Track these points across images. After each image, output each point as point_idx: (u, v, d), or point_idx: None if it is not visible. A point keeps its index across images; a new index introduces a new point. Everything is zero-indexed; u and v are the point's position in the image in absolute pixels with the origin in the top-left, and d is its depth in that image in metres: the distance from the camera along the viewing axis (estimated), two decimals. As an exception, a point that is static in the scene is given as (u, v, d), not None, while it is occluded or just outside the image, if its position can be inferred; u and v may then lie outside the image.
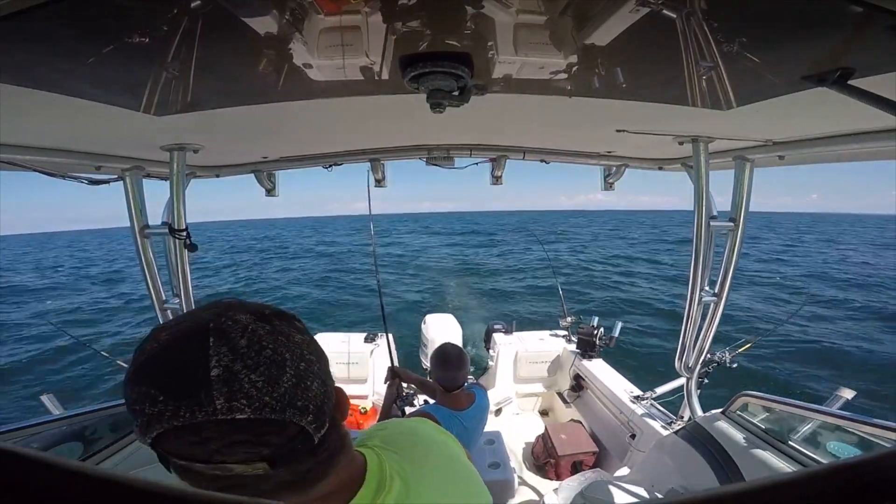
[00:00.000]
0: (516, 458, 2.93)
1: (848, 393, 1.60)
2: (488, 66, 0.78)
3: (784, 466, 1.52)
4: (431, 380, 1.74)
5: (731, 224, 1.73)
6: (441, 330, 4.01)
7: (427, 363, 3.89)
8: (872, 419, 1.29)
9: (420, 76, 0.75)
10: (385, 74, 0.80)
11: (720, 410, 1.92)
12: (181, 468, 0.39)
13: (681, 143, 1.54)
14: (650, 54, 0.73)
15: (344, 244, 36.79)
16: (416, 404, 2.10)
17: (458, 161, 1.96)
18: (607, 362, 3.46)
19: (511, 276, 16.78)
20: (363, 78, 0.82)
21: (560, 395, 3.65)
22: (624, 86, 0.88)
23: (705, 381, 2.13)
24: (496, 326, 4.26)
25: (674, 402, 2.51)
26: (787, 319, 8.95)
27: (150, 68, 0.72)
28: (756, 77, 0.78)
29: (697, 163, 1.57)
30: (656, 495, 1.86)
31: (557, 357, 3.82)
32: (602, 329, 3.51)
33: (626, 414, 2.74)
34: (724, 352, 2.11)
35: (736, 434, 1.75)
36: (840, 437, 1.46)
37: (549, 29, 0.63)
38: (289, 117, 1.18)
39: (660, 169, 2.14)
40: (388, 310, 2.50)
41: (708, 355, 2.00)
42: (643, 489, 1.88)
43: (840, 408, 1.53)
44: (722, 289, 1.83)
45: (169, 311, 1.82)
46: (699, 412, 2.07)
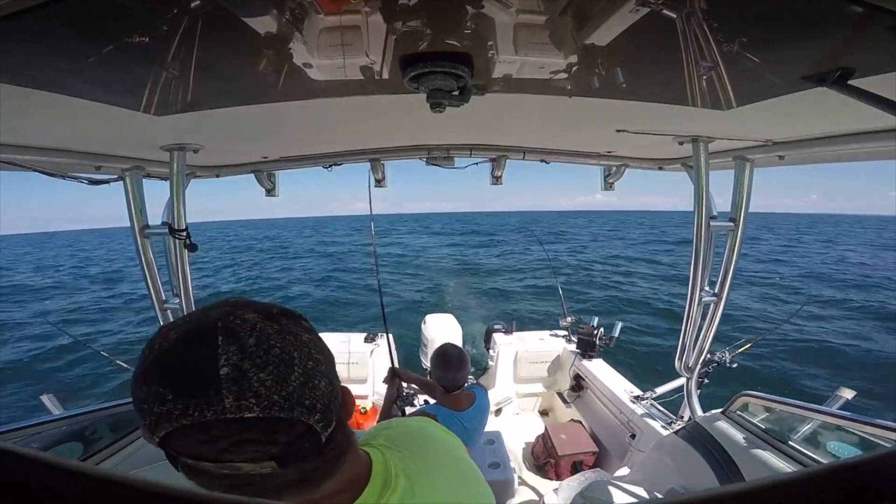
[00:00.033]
0: (516, 458, 2.93)
1: (848, 393, 1.60)
2: (488, 66, 0.78)
3: (784, 466, 1.52)
4: (432, 380, 1.74)
5: (731, 224, 1.73)
6: (441, 330, 4.00)
7: (427, 363, 3.88)
8: (872, 419, 1.29)
9: (420, 76, 0.75)
10: (385, 74, 0.80)
11: (720, 410, 1.92)
12: (189, 467, 0.39)
13: (681, 143, 1.54)
14: (650, 54, 0.73)
15: (344, 244, 36.81)
16: (416, 404, 2.10)
17: (458, 161, 1.96)
18: (607, 362, 3.46)
19: (510, 276, 16.79)
20: (363, 78, 0.82)
21: (560, 395, 3.65)
22: (624, 86, 0.88)
23: (705, 381, 2.13)
24: (496, 326, 4.26)
25: (674, 403, 2.51)
26: (787, 319, 8.97)
27: (150, 68, 0.72)
28: (756, 77, 0.78)
29: (697, 163, 1.57)
30: (656, 495, 1.86)
31: (557, 357, 3.82)
32: (602, 329, 3.51)
33: (626, 414, 2.74)
34: (723, 352, 2.12)
35: (736, 434, 1.75)
36: (840, 437, 1.46)
37: (549, 29, 0.63)
38: (289, 117, 1.18)
39: (660, 169, 2.14)
40: (388, 310, 2.50)
41: (708, 355, 2.00)
42: (643, 489, 1.88)
43: (840, 408, 1.53)
44: (722, 289, 1.83)
45: (169, 312, 1.82)
46: (699, 412, 2.07)
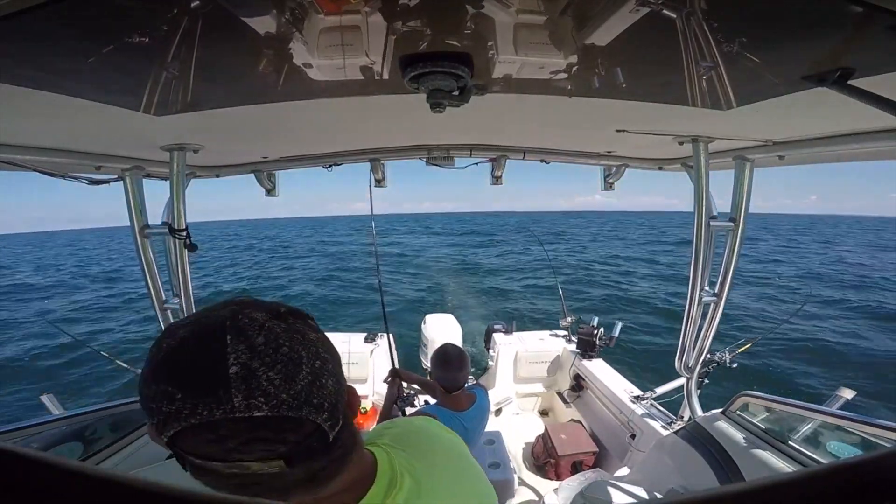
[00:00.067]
0: (516, 458, 2.94)
1: (848, 393, 1.60)
2: (488, 66, 0.78)
3: (784, 466, 1.52)
4: (432, 380, 1.74)
5: (731, 224, 1.73)
6: (441, 330, 4.00)
7: (427, 363, 3.88)
8: (872, 419, 1.29)
9: (420, 76, 0.75)
10: (385, 74, 0.80)
11: (720, 410, 1.92)
12: (198, 467, 0.38)
13: (681, 143, 1.54)
14: (650, 54, 0.73)
15: (344, 244, 36.86)
16: (416, 405, 2.10)
17: (458, 161, 1.96)
18: (606, 360, 3.47)
19: (510, 276, 16.83)
20: (363, 78, 0.82)
21: (560, 395, 3.65)
22: (624, 86, 0.88)
23: (705, 381, 2.13)
24: (496, 326, 4.26)
25: (674, 403, 2.51)
26: (787, 319, 8.99)
27: (150, 68, 0.72)
28: (756, 77, 0.78)
29: (697, 163, 1.56)
30: (656, 495, 1.86)
31: (557, 357, 3.82)
32: (602, 329, 3.51)
33: (626, 414, 2.74)
34: (723, 352, 2.12)
35: (736, 434, 1.75)
36: (840, 437, 1.46)
37: (549, 29, 0.63)
38: (289, 117, 1.18)
39: (660, 169, 2.14)
40: (389, 309, 2.50)
41: (708, 355, 2.00)
42: (643, 489, 1.88)
43: (840, 408, 1.53)
44: (722, 289, 1.83)
45: (169, 312, 1.82)
46: (699, 412, 2.07)
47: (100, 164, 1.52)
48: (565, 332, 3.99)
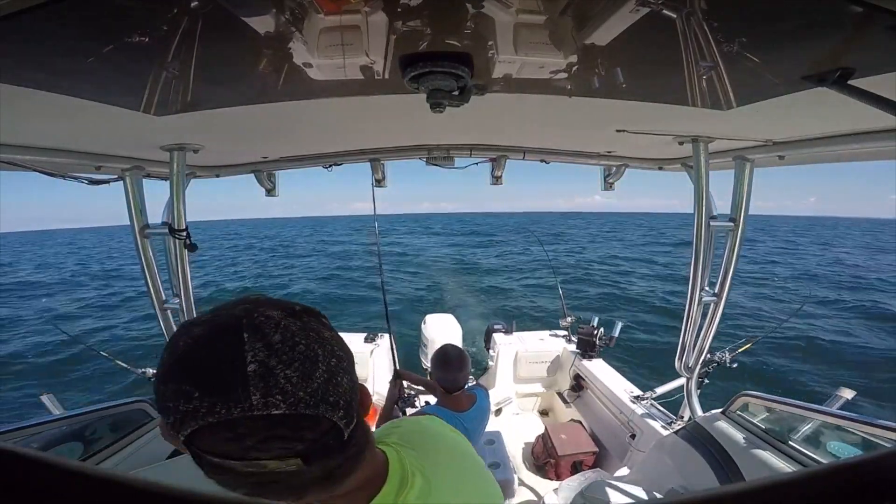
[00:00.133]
0: (516, 458, 2.94)
1: (848, 393, 1.60)
2: (488, 66, 0.78)
3: (784, 466, 1.52)
4: (432, 381, 1.74)
5: (731, 224, 1.73)
6: (441, 330, 4.00)
7: (427, 363, 3.88)
8: (872, 419, 1.29)
9: (420, 76, 0.75)
10: (385, 74, 0.80)
11: (720, 410, 1.92)
12: (215, 466, 0.38)
13: (681, 143, 1.54)
14: (650, 54, 0.73)
15: (345, 244, 36.91)
16: (417, 405, 2.10)
17: (458, 161, 1.96)
18: (606, 359, 3.47)
19: (509, 276, 16.87)
20: (363, 78, 0.82)
21: (560, 395, 3.65)
22: (624, 86, 0.88)
23: (705, 381, 2.13)
24: (496, 326, 4.26)
25: (674, 403, 2.51)
26: (787, 319, 9.02)
27: (150, 68, 0.72)
28: (756, 77, 0.78)
29: (697, 163, 1.56)
30: (656, 495, 1.86)
31: (557, 357, 3.82)
32: (602, 329, 3.51)
33: (626, 414, 2.74)
34: (723, 352, 2.11)
35: (736, 434, 1.75)
36: (840, 437, 1.46)
37: (549, 29, 0.63)
38: (289, 117, 1.18)
39: (660, 169, 2.14)
40: (389, 309, 2.50)
41: (708, 355, 2.00)
42: (643, 489, 1.88)
43: (840, 408, 1.53)
44: (722, 289, 1.83)
45: (169, 311, 1.82)
46: (699, 412, 2.07)
47: (100, 164, 1.52)
48: (565, 332, 3.99)
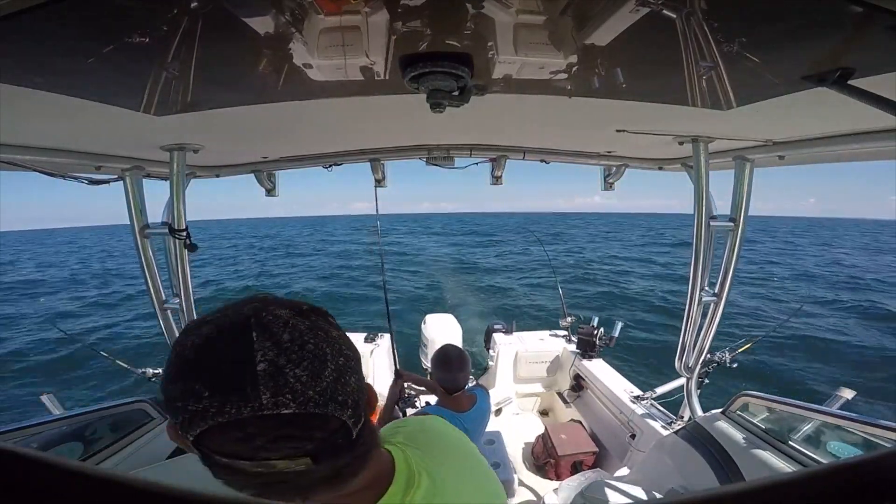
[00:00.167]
0: (516, 458, 2.93)
1: (848, 393, 1.60)
2: (488, 66, 0.78)
3: (784, 466, 1.52)
4: (433, 381, 1.74)
5: (731, 224, 1.73)
6: (441, 330, 4.00)
7: (427, 363, 3.88)
8: (872, 419, 1.29)
9: (420, 76, 0.75)
10: (385, 74, 0.80)
11: (720, 410, 1.92)
12: (223, 466, 0.38)
13: (681, 143, 1.54)
14: (650, 54, 0.72)
15: (345, 243, 36.96)
16: (417, 405, 2.10)
17: (458, 161, 1.96)
18: (606, 359, 3.47)
19: (509, 276, 16.92)
20: (363, 78, 0.82)
21: (560, 395, 3.65)
22: (624, 86, 0.88)
23: (705, 381, 2.13)
24: (496, 326, 4.26)
25: (674, 403, 2.51)
26: (787, 319, 9.03)
27: (151, 68, 0.72)
28: (756, 77, 0.78)
29: (697, 163, 1.56)
30: (656, 495, 1.86)
31: (557, 357, 3.81)
32: (602, 329, 3.51)
33: (626, 414, 2.74)
34: (723, 352, 2.11)
35: (736, 434, 1.75)
36: (840, 437, 1.46)
37: (549, 29, 0.63)
38: (289, 117, 1.18)
39: (660, 169, 2.14)
40: (390, 308, 2.50)
41: (708, 355, 2.00)
42: (643, 489, 1.88)
43: (840, 408, 1.53)
44: (722, 289, 1.83)
45: (169, 311, 1.82)
46: (699, 412, 2.07)
47: (100, 164, 1.52)
48: (565, 332, 3.99)
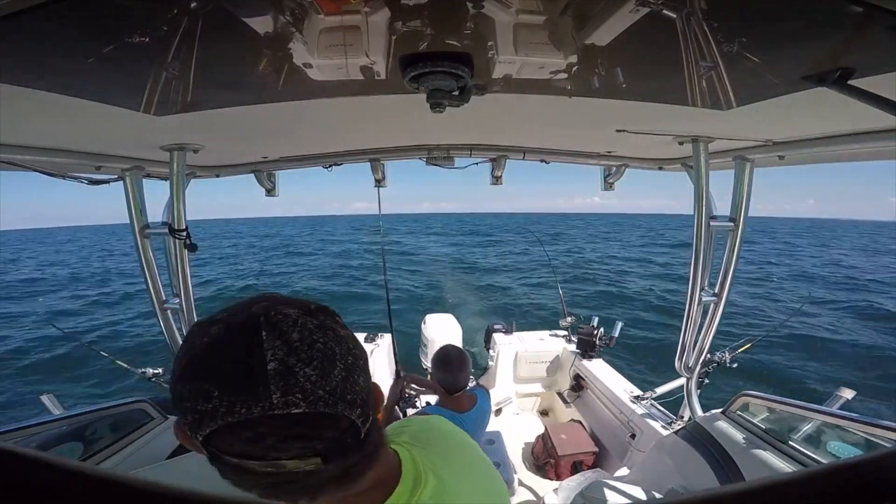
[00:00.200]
0: (516, 458, 2.94)
1: (848, 393, 1.60)
2: (488, 66, 0.78)
3: (784, 466, 1.52)
4: (433, 382, 1.74)
5: (731, 224, 1.73)
6: (441, 330, 4.00)
7: (427, 363, 3.88)
8: (872, 419, 1.29)
9: (420, 76, 0.75)
10: (385, 74, 0.80)
11: (720, 410, 1.92)
12: (233, 466, 0.38)
13: (681, 143, 1.54)
14: (650, 54, 0.72)
15: (345, 243, 37.01)
16: (418, 405, 2.10)
17: (458, 161, 1.96)
18: (605, 358, 3.47)
19: (508, 275, 16.95)
20: (363, 78, 0.82)
21: (560, 395, 3.65)
22: (624, 86, 0.88)
23: (705, 381, 2.13)
24: (496, 326, 4.26)
25: (674, 403, 2.51)
26: (787, 319, 9.05)
27: (150, 68, 0.72)
28: (756, 77, 0.78)
29: (697, 163, 1.56)
30: (655, 495, 1.86)
31: (557, 357, 3.82)
32: (602, 329, 3.51)
33: (626, 414, 2.74)
34: (723, 352, 2.12)
35: (736, 434, 1.75)
36: (840, 437, 1.46)
37: (549, 29, 0.63)
38: (289, 117, 1.18)
39: (660, 169, 2.14)
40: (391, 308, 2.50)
41: (708, 355, 2.00)
42: (643, 489, 1.88)
43: (840, 408, 1.53)
44: (722, 289, 1.83)
45: (169, 311, 1.82)
46: (699, 412, 2.07)
47: (100, 164, 1.52)
48: (565, 332, 3.99)
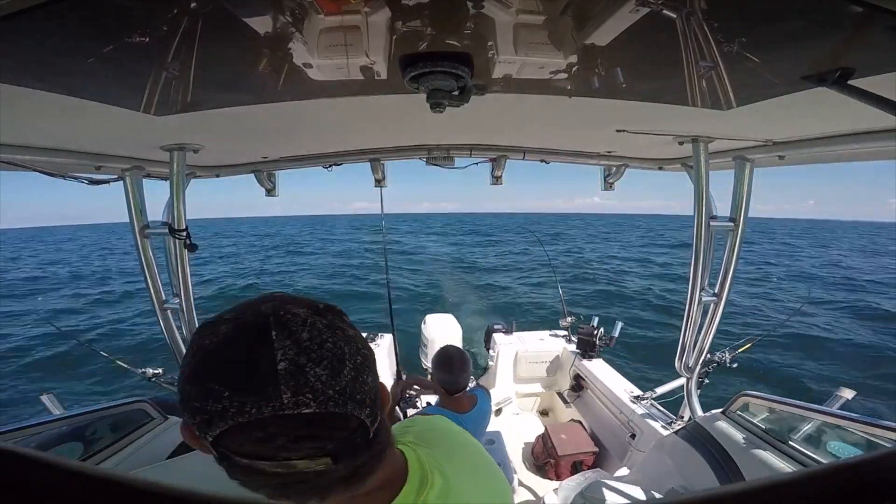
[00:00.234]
0: (516, 458, 2.94)
1: (848, 393, 1.60)
2: (488, 66, 0.78)
3: (784, 466, 1.52)
4: (434, 382, 1.74)
5: (731, 224, 1.73)
6: (441, 330, 4.00)
7: (427, 363, 3.88)
8: (873, 419, 1.29)
9: (420, 76, 0.75)
10: (385, 74, 0.80)
11: (720, 410, 1.92)
12: (243, 467, 0.37)
13: (681, 143, 1.54)
14: (650, 54, 0.72)
15: (344, 242, 37.05)
16: (418, 405, 2.11)
17: (458, 161, 1.96)
18: (605, 358, 3.47)
19: (507, 274, 16.99)
20: (363, 78, 0.82)
21: (560, 395, 3.65)
22: (624, 86, 0.88)
23: (705, 381, 2.13)
24: (496, 326, 4.26)
25: (674, 403, 2.51)
26: (787, 319, 9.06)
27: (151, 68, 0.72)
28: (756, 77, 0.78)
29: (697, 163, 1.56)
30: (655, 495, 1.86)
31: (557, 357, 3.82)
32: (602, 329, 3.51)
33: (626, 414, 2.74)
34: (723, 352, 2.12)
35: (736, 434, 1.75)
36: (840, 437, 1.46)
37: (549, 29, 0.63)
38: (289, 117, 1.18)
39: (660, 169, 2.14)
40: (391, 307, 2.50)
41: (708, 355, 2.00)
42: (643, 489, 1.88)
43: (840, 408, 1.53)
44: (722, 289, 1.83)
45: (169, 311, 1.82)
46: (699, 412, 2.07)
47: (100, 164, 1.52)
48: (565, 332, 3.99)
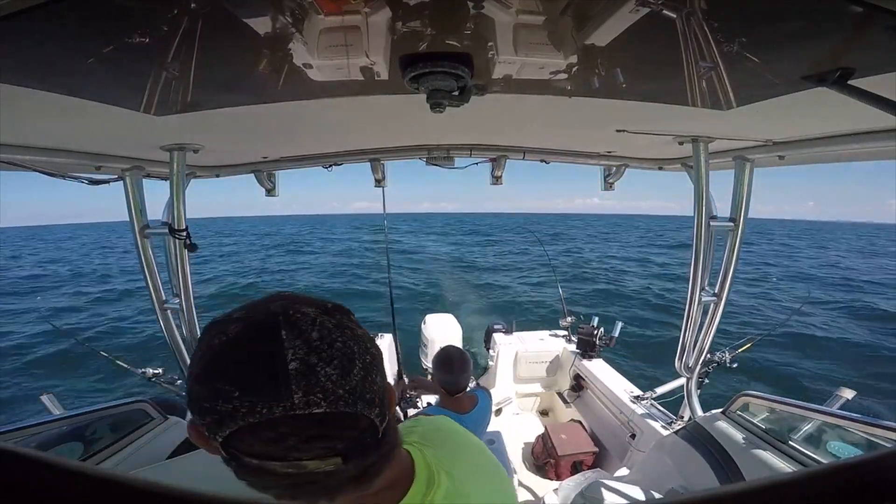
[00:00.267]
0: (516, 458, 2.94)
1: (848, 393, 1.60)
2: (488, 67, 0.78)
3: (784, 466, 1.52)
4: (434, 382, 1.74)
5: (731, 224, 1.73)
6: (441, 330, 4.00)
7: (427, 363, 3.88)
8: (873, 419, 1.29)
9: (420, 76, 0.75)
10: (385, 75, 0.80)
11: (720, 410, 1.92)
12: (253, 468, 0.37)
13: (681, 143, 1.54)
14: (650, 54, 0.72)
15: (344, 241, 37.09)
16: (419, 405, 2.11)
17: (458, 161, 1.96)
18: (605, 357, 3.48)
19: (507, 274, 17.03)
20: (363, 78, 0.82)
21: (560, 395, 3.65)
22: (624, 86, 0.88)
23: (705, 381, 2.13)
24: (496, 326, 4.26)
25: (674, 403, 2.51)
26: (787, 319, 9.08)
27: (150, 68, 0.72)
28: (756, 77, 0.78)
29: (697, 163, 1.56)
30: (655, 495, 1.86)
31: (557, 357, 3.82)
32: (602, 329, 3.51)
33: (626, 414, 2.74)
34: (723, 352, 2.12)
35: (736, 434, 1.75)
36: (840, 437, 1.46)
37: (549, 29, 0.63)
38: (289, 117, 1.18)
39: (660, 169, 2.14)
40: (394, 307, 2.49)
41: (708, 355, 2.00)
42: (643, 489, 1.88)
43: (840, 408, 1.53)
44: (722, 289, 1.83)
45: (169, 311, 1.82)
46: (699, 412, 2.07)
47: (100, 164, 1.52)
48: (565, 332, 3.99)
